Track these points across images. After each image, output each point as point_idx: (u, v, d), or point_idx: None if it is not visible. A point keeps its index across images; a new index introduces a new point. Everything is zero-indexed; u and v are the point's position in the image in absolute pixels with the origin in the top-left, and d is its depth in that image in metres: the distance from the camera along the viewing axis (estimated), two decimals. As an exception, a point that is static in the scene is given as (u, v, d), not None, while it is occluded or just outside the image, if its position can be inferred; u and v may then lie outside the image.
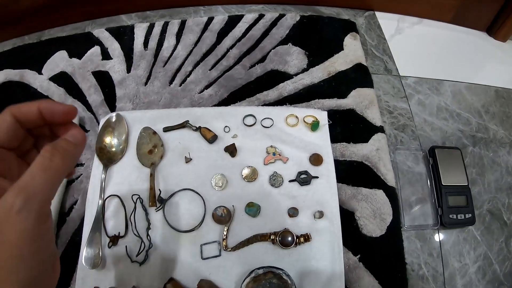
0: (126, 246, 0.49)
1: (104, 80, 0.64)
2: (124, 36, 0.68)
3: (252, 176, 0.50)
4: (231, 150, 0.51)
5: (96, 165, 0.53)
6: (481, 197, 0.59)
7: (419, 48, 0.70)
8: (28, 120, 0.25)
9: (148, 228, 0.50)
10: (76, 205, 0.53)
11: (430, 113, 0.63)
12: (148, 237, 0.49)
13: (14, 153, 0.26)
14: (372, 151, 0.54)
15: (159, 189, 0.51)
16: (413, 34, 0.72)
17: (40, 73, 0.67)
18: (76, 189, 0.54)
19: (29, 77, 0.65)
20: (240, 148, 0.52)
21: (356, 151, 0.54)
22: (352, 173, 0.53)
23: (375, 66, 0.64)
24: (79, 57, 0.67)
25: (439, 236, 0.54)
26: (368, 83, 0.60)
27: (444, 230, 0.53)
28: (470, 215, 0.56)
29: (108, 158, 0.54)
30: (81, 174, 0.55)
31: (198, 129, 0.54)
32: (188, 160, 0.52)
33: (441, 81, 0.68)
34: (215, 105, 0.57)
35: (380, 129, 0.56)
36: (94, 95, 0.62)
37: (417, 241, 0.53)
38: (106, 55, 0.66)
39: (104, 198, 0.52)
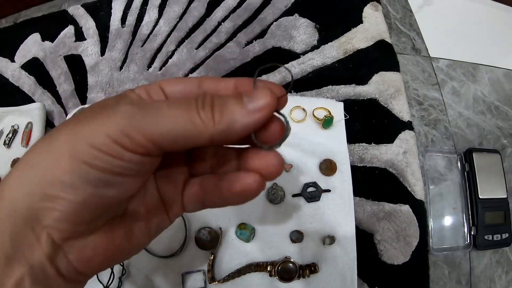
0: (96, 269, 0.33)
1: (76, 65, 0.40)
2: (100, 11, 0.43)
3: (245, 189, 0.32)
4: (219, 154, 0.33)
5: None
6: None
7: (451, 23, 0.43)
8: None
9: None
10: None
11: (466, 106, 0.38)
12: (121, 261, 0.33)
13: None
14: (399, 155, 0.31)
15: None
16: (443, 6, 0.44)
17: (12, 60, 0.43)
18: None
19: (1, 65, 0.42)
20: (230, 152, 0.33)
21: (378, 155, 0.31)
22: (373, 184, 0.31)
23: (401, 44, 0.38)
24: (52, 39, 0.43)
25: (470, 261, 0.33)
26: (394, 66, 0.35)
27: (475, 252, 0.33)
28: (507, 234, 0.33)
29: None
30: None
31: (178, 125, 0.35)
32: (165, 165, 0.34)
33: (477, 65, 0.41)
34: (200, 95, 0.37)
35: (408, 126, 0.33)
36: (65, 84, 0.39)
37: (445, 267, 0.32)
38: (80, 36, 0.42)
39: None
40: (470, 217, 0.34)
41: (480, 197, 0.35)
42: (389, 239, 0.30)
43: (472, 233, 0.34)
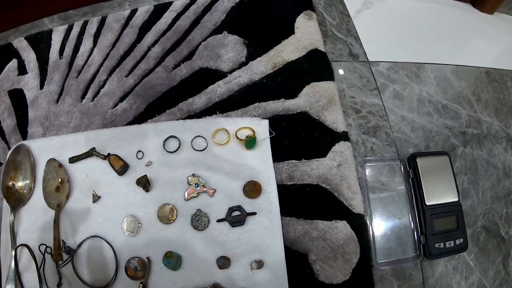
0: (39, 305, 0.31)
1: (18, 100, 0.41)
2: (41, 43, 0.44)
3: (170, 217, 0.29)
4: (144, 183, 0.30)
5: (6, 208, 0.33)
6: (475, 212, 0.36)
7: (392, 25, 0.43)
8: None
9: (59, 284, 0.31)
10: (-6, 252, 0.35)
11: (410, 108, 0.37)
12: (60, 294, 0.32)
13: None
14: (332, 169, 0.31)
15: (62, 240, 0.31)
16: (384, 9, 0.44)
17: (-36, 96, 0.49)
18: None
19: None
20: (156, 180, 0.31)
21: (309, 171, 0.31)
22: (304, 202, 0.30)
23: (337, 51, 0.38)
24: (-2, 74, 0.47)
25: (422, 271, 0.32)
26: (327, 75, 0.35)
27: (428, 261, 0.32)
28: (461, 239, 0.33)
29: (17, 199, 0.33)
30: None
31: (107, 157, 0.32)
32: (96, 198, 0.31)
33: (422, 64, 0.40)
34: (129, 122, 0.35)
35: (343, 136, 0.33)
36: (8, 120, 0.40)
37: (393, 280, 0.31)
38: (22, 69, 0.43)
39: (16, 247, 0.32)
40: (418, 225, 0.34)
41: (426, 203, 0.34)
42: (325, 258, 0.30)
43: (421, 242, 0.33)
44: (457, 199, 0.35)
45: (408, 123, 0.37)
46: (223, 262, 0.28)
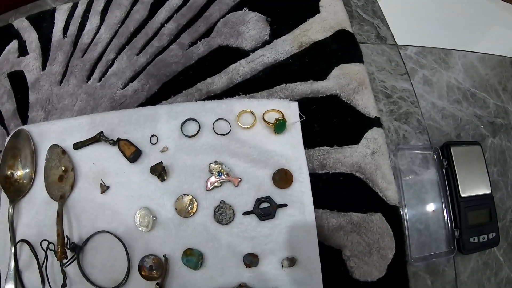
0: (41, 306, 0.25)
1: (18, 82, 0.34)
2: (43, 23, 0.37)
3: (189, 210, 0.24)
4: (159, 171, 0.24)
5: (4, 200, 0.27)
6: (504, 205, 0.30)
7: (418, 8, 0.37)
8: None
9: (64, 285, 0.25)
10: (-8, 248, 0.28)
11: (439, 95, 0.32)
12: (65, 295, 0.26)
13: None
14: (366, 157, 0.26)
15: (67, 236, 0.25)
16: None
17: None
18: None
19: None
20: (173, 168, 0.25)
21: (342, 159, 0.25)
22: (338, 192, 0.25)
23: (364, 33, 0.32)
24: (-2, 56, 0.40)
25: (455, 267, 0.27)
26: (356, 57, 0.29)
27: (460, 256, 0.27)
28: (494, 233, 0.28)
29: (16, 190, 0.27)
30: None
31: (116, 142, 0.26)
32: (104, 189, 0.25)
33: (449, 50, 0.35)
34: (141, 104, 0.28)
35: (376, 122, 0.27)
36: (7, 104, 0.33)
37: (427, 277, 0.26)
38: (23, 50, 0.36)
39: (15, 244, 0.26)
40: (452, 218, 0.28)
41: (461, 195, 0.28)
42: (360, 254, 0.24)
43: (455, 236, 0.28)
44: (489, 191, 0.29)
45: (439, 110, 0.32)
46: (251, 260, 0.22)
